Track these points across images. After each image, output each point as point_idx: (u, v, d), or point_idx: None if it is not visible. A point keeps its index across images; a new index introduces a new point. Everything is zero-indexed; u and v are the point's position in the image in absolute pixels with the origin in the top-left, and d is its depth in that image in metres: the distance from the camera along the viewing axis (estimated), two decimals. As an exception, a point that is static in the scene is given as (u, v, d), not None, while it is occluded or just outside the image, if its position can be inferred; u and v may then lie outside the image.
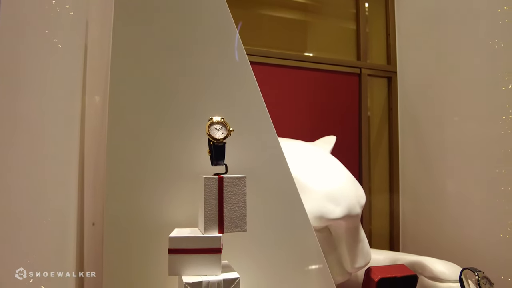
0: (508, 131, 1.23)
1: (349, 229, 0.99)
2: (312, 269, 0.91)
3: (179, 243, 0.67)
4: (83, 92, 0.86)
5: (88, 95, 0.90)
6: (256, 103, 0.87)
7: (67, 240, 0.77)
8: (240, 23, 1.27)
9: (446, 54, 1.49)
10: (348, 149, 1.59)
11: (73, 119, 0.82)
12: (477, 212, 1.32)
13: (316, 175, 1.01)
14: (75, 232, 0.80)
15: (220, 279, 0.66)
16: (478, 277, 0.93)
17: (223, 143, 0.72)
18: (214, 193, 0.70)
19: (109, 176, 0.74)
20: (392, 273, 1.05)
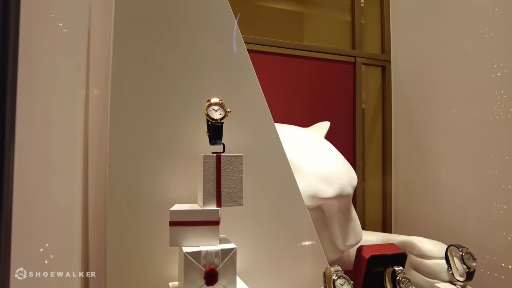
0: (495, 117, 1.28)
1: (341, 208, 1.04)
2: (305, 245, 0.96)
3: (179, 216, 0.71)
4: (87, 77, 0.90)
5: (91, 80, 0.93)
6: (252, 87, 0.91)
7: (73, 229, 0.80)
8: (238, 14, 1.30)
9: (439, 44, 1.52)
10: (343, 135, 1.63)
11: (78, 106, 0.85)
12: (465, 195, 1.37)
13: (310, 158, 1.05)
14: (80, 226, 0.83)
15: (218, 249, 0.71)
16: (462, 252, 0.98)
17: (220, 123, 0.76)
18: (212, 170, 0.74)
19: (112, 155, 0.78)
20: (382, 251, 1.10)
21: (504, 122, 1.24)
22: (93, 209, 0.86)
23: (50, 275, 0.62)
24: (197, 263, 0.68)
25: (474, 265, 0.97)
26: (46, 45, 0.68)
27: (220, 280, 0.70)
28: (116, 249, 0.78)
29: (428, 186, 1.53)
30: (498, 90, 1.27)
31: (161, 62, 0.83)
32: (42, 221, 0.65)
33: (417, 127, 1.61)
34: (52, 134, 0.71)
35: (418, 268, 1.13)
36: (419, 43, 1.63)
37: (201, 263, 0.69)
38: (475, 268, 0.98)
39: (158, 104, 0.83)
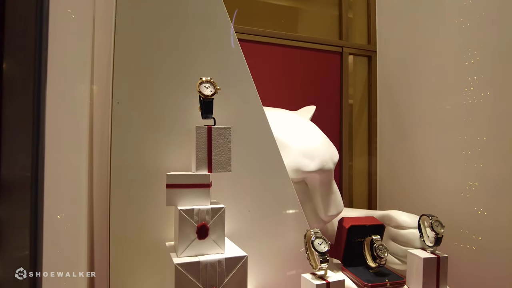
0: (469, 101, 1.38)
1: (322, 182, 1.14)
2: (289, 213, 1.06)
3: (175, 179, 0.81)
4: (92, 63, 0.98)
5: (96, 65, 1.02)
6: (241, 68, 1.00)
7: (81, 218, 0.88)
8: (236, 10, 1.40)
9: (420, 35, 1.62)
10: (330, 120, 1.73)
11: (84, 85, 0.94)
12: (443, 173, 1.47)
13: (294, 136, 1.15)
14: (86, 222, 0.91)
15: (208, 208, 0.80)
16: (432, 220, 1.08)
17: (211, 99, 0.85)
18: (204, 140, 0.84)
19: (115, 128, 0.88)
20: (362, 222, 1.20)
21: (476, 105, 1.34)
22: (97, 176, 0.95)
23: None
24: (190, 219, 0.78)
25: (442, 231, 1.08)
26: (60, 31, 0.76)
27: (210, 235, 0.80)
28: (119, 213, 0.88)
29: (410, 166, 1.63)
30: (471, 76, 1.37)
31: (159, 47, 0.92)
32: (56, 188, 0.73)
33: (400, 112, 1.71)
34: (62, 112, 0.80)
35: (395, 238, 1.24)
36: (403, 34, 1.72)
37: (194, 219, 0.79)
38: (443, 234, 1.08)
39: (157, 84, 0.92)
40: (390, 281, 1.07)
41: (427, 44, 1.58)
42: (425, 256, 1.05)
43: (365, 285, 1.05)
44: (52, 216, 0.69)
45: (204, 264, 0.76)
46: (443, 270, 1.07)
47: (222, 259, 0.78)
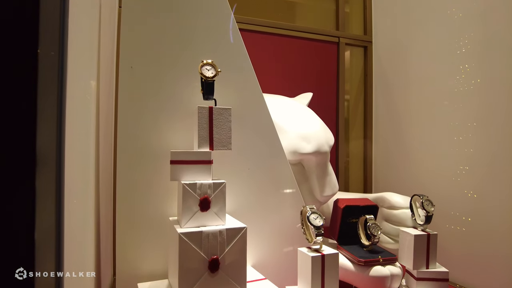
0: (460, 88, 1.43)
1: (318, 164, 1.19)
2: (286, 193, 1.11)
3: (178, 156, 0.86)
4: (99, 48, 1.03)
5: (102, 49, 1.06)
6: (241, 53, 1.05)
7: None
8: (235, 4, 1.44)
9: (414, 25, 1.67)
10: (327, 107, 1.78)
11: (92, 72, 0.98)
12: (435, 158, 1.52)
13: (292, 120, 1.20)
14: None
15: (210, 182, 0.85)
16: (423, 200, 1.13)
17: (212, 80, 0.90)
18: (205, 119, 0.88)
19: (121, 111, 0.93)
20: (356, 203, 1.25)
21: (468, 92, 1.40)
22: (103, 155, 1.00)
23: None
24: (193, 192, 0.83)
25: (432, 210, 1.13)
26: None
27: (212, 208, 0.85)
28: (124, 190, 0.92)
29: (403, 152, 1.69)
30: (463, 64, 1.42)
31: (164, 34, 0.97)
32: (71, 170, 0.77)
33: (394, 99, 1.76)
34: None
35: (388, 219, 1.29)
36: (397, 25, 1.77)
37: (196, 193, 0.83)
38: (433, 212, 1.13)
39: (161, 69, 0.97)
40: (382, 258, 1.12)
41: (420, 34, 1.63)
42: (416, 233, 1.11)
43: (359, 261, 1.10)
44: (70, 200, 0.72)
45: (206, 234, 0.81)
46: (433, 247, 1.12)
47: (223, 230, 0.83)
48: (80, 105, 0.80)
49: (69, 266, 0.64)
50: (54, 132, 0.57)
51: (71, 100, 0.64)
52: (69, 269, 0.64)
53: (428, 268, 1.11)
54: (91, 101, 0.91)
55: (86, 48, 0.85)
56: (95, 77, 0.93)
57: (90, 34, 0.91)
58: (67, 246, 0.62)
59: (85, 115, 0.86)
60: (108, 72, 1.09)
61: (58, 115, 0.58)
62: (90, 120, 0.90)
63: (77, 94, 0.73)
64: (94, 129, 0.92)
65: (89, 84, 0.88)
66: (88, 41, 0.88)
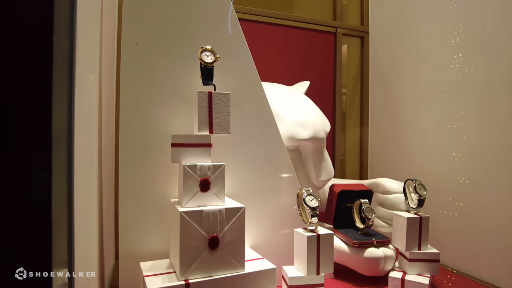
0: (454, 77, 1.46)
1: (315, 149, 1.22)
2: (284, 177, 1.14)
3: (179, 139, 0.89)
4: (101, 34, 1.05)
5: (104, 36, 1.09)
6: (239, 41, 1.07)
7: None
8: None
9: (409, 15, 1.69)
10: (324, 96, 1.81)
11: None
12: (429, 146, 1.56)
13: (289, 107, 1.23)
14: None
15: (210, 164, 0.89)
16: (416, 184, 1.17)
17: (211, 66, 0.93)
18: (205, 103, 0.91)
19: (122, 97, 0.95)
20: (351, 188, 1.29)
21: (461, 81, 1.43)
22: (105, 139, 1.02)
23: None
24: (193, 173, 0.86)
25: (425, 193, 1.17)
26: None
27: (212, 188, 0.88)
28: (127, 173, 0.95)
29: (398, 139, 1.72)
30: (456, 53, 1.45)
31: (164, 22, 0.99)
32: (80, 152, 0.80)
33: (390, 89, 1.79)
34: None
35: (382, 203, 1.33)
36: (393, 15, 1.79)
37: (197, 174, 0.87)
38: (426, 196, 1.17)
39: (162, 55, 0.99)
40: (376, 240, 1.16)
41: (416, 24, 1.66)
42: (409, 216, 1.14)
43: (354, 243, 1.14)
44: (80, 182, 0.74)
45: (206, 213, 0.84)
46: (425, 229, 1.16)
47: (222, 209, 0.86)
48: (86, 91, 0.83)
49: (78, 247, 0.67)
50: (65, 115, 0.60)
51: (79, 88, 0.66)
52: (78, 250, 0.67)
53: (420, 250, 1.15)
54: (95, 88, 0.94)
55: (90, 35, 0.88)
56: (97, 68, 0.95)
57: (93, 24, 0.93)
58: (76, 227, 0.65)
59: (90, 100, 0.88)
60: (109, 60, 1.11)
61: (69, 98, 0.61)
62: (93, 105, 0.92)
63: (83, 80, 0.76)
64: (97, 114, 0.94)
65: (94, 67, 0.91)
66: (92, 28, 0.91)
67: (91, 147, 0.90)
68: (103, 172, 1.01)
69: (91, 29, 0.92)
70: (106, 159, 1.02)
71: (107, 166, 1.02)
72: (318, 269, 0.95)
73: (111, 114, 1.05)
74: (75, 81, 0.64)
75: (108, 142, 1.03)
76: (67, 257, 0.63)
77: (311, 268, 0.95)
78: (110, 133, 1.05)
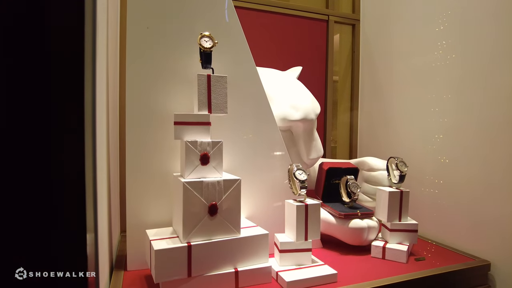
0: (437, 63, 1.55)
1: (305, 130, 1.32)
2: (276, 155, 1.24)
3: (181, 118, 0.98)
4: (107, 23, 1.13)
5: (110, 26, 1.17)
6: (236, 28, 1.16)
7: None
8: None
9: (399, 3, 1.77)
10: (317, 81, 1.90)
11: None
12: (414, 128, 1.66)
13: (282, 91, 1.32)
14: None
15: (209, 141, 0.98)
16: (397, 161, 1.28)
17: (210, 51, 1.01)
18: (204, 85, 1.00)
19: (128, 81, 1.04)
20: (339, 165, 1.39)
21: (444, 67, 1.52)
22: (112, 118, 1.11)
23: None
24: (194, 149, 0.96)
25: (406, 170, 1.27)
26: None
27: (211, 162, 0.98)
28: (133, 149, 1.05)
29: (385, 121, 1.83)
30: (440, 41, 1.54)
31: (167, 12, 1.07)
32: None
33: (378, 74, 1.88)
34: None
35: (368, 180, 1.44)
36: (384, 3, 1.87)
37: (197, 149, 0.96)
38: (406, 172, 1.27)
39: (165, 41, 1.08)
40: (361, 212, 1.27)
41: (404, 12, 1.74)
42: (391, 191, 1.25)
43: (340, 215, 1.25)
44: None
45: (206, 183, 0.94)
46: (405, 203, 1.27)
47: (220, 180, 0.96)
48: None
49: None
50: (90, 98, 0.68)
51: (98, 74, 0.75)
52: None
53: (401, 221, 1.26)
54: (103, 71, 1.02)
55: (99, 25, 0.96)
56: (105, 48, 1.03)
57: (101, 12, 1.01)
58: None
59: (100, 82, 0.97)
60: (114, 43, 1.19)
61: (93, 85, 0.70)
62: (102, 86, 1.01)
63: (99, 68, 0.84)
64: (105, 94, 1.03)
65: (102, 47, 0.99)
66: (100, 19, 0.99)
67: (100, 129, 1.00)
68: (111, 151, 1.10)
69: (100, 20, 1.00)
70: (113, 140, 1.11)
71: (113, 146, 1.11)
72: (306, 235, 1.06)
73: (115, 96, 1.14)
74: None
75: (113, 122, 1.12)
76: (93, 225, 0.72)
77: (300, 234, 1.06)
78: (115, 111, 1.14)
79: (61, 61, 0.57)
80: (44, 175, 0.57)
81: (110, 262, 1.05)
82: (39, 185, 0.57)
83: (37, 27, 0.56)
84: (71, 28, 0.57)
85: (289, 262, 1.06)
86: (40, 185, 0.57)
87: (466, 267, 1.17)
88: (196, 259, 0.92)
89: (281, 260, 1.06)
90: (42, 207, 0.58)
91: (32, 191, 0.57)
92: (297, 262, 1.07)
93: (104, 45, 0.99)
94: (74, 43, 0.57)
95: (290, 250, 1.06)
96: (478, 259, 1.24)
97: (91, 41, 0.64)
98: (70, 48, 0.57)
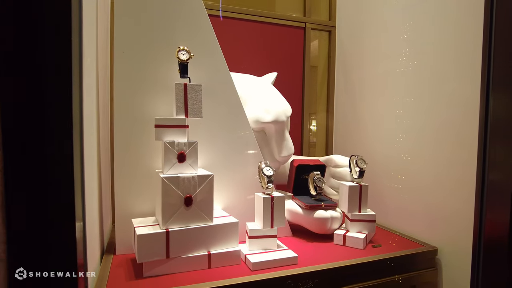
0: (401, 69, 1.70)
1: (277, 130, 1.47)
2: (250, 153, 1.39)
3: (161, 121, 1.13)
4: (97, 30, 1.27)
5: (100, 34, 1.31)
6: (211, 39, 1.30)
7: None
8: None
9: (371, 12, 1.92)
10: (293, 86, 2.05)
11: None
12: (381, 128, 1.82)
13: (256, 94, 1.47)
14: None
15: (185, 141, 1.13)
16: (357, 158, 1.43)
17: (187, 62, 1.16)
18: (181, 93, 1.15)
19: (116, 89, 1.19)
20: (308, 162, 1.55)
21: (407, 72, 1.67)
22: (102, 122, 1.26)
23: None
24: (172, 148, 1.11)
25: (365, 166, 1.43)
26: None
27: (187, 160, 1.13)
28: (120, 148, 1.20)
29: (357, 122, 1.98)
30: (404, 48, 1.69)
31: (149, 26, 1.22)
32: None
33: (352, 78, 2.03)
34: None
35: (334, 175, 1.60)
36: (358, 10, 2.02)
37: (175, 149, 1.11)
38: (365, 168, 1.43)
39: (147, 53, 1.22)
40: (325, 204, 1.43)
41: (375, 20, 1.89)
42: (351, 185, 1.41)
43: (306, 206, 1.41)
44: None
45: (182, 179, 1.10)
46: (364, 196, 1.42)
47: (195, 176, 1.11)
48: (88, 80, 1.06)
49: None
50: (78, 109, 0.83)
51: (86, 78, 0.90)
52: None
53: (360, 212, 1.42)
54: (93, 71, 1.17)
55: (89, 32, 1.10)
56: (94, 52, 1.18)
57: (90, 21, 1.16)
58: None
59: (91, 89, 1.12)
60: (104, 55, 1.34)
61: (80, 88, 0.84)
62: (93, 93, 1.16)
63: (88, 67, 0.99)
64: (95, 102, 1.18)
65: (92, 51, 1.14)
66: (89, 27, 1.13)
67: (90, 131, 1.14)
68: (102, 153, 1.25)
69: (89, 27, 1.15)
70: (103, 141, 1.26)
71: (104, 149, 1.26)
72: (272, 223, 1.22)
73: (106, 105, 1.28)
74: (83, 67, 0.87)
75: (104, 126, 1.27)
76: (82, 215, 0.87)
77: (266, 222, 1.21)
78: (106, 117, 1.29)
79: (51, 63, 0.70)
80: (38, 174, 0.71)
81: (101, 248, 1.20)
82: (34, 183, 0.72)
83: (31, 29, 0.70)
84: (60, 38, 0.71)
85: (257, 246, 1.22)
86: (36, 183, 0.72)
87: (415, 252, 1.33)
88: (174, 243, 1.07)
89: (249, 245, 1.22)
90: (37, 189, 0.68)
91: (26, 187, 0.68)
92: (264, 247, 1.22)
93: (93, 53, 1.14)
94: (62, 52, 0.71)
95: (258, 236, 1.22)
96: (428, 245, 1.40)
97: (77, 44, 0.79)
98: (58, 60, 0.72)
